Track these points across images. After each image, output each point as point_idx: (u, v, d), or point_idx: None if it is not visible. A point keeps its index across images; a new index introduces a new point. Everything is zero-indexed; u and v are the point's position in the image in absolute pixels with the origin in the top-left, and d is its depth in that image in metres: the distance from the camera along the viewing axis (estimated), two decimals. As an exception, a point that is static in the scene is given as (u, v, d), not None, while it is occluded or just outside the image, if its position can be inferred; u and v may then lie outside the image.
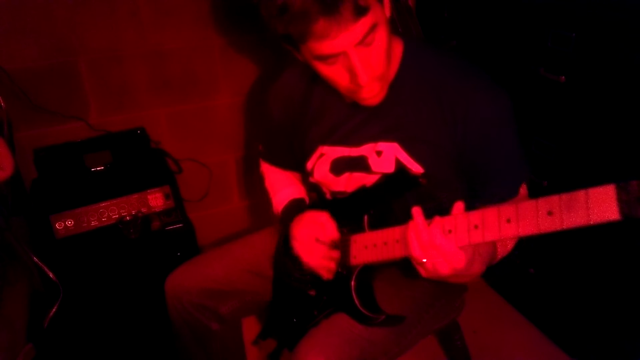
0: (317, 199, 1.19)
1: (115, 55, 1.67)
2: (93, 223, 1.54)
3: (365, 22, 0.78)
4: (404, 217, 0.88)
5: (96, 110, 1.71)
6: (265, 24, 0.82)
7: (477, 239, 0.73)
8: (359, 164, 1.02)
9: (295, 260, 1.07)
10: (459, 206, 0.76)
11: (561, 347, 1.60)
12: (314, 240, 1.02)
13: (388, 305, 0.98)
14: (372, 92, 0.90)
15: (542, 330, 1.68)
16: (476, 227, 0.73)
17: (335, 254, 1.01)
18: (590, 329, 1.47)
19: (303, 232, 1.04)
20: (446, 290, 1.15)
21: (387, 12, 0.85)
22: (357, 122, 1.02)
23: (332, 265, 1.01)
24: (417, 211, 0.79)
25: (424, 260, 0.77)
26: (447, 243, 0.75)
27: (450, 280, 0.81)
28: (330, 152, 1.06)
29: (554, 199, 0.64)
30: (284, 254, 1.13)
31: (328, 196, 1.14)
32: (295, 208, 1.14)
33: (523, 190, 1.00)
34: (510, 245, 0.96)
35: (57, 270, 1.42)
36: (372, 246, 0.93)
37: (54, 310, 1.43)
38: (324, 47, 0.80)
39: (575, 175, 1.37)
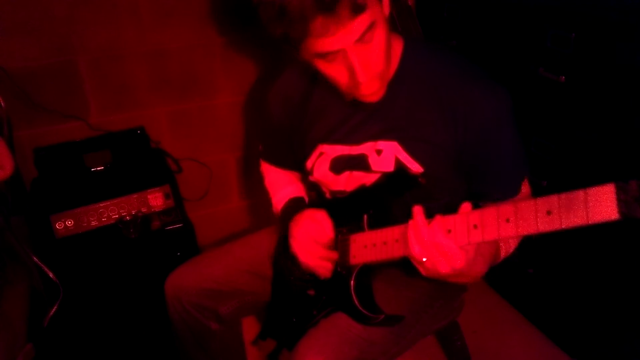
0: (317, 198, 1.19)
1: (115, 54, 1.67)
2: (93, 223, 1.54)
3: (363, 20, 0.79)
4: (404, 217, 0.88)
5: (96, 109, 1.71)
6: (264, 27, 0.82)
7: (477, 238, 0.73)
8: (359, 163, 1.02)
9: (294, 260, 1.07)
10: (465, 207, 0.76)
11: (561, 347, 1.60)
12: (312, 241, 1.03)
13: (387, 306, 0.98)
14: (371, 90, 0.91)
15: (542, 330, 1.68)
16: (475, 226, 0.73)
17: (332, 254, 1.01)
18: (590, 329, 1.46)
19: (301, 232, 1.04)
20: (445, 291, 1.15)
21: (386, 10, 0.86)
22: (357, 121, 1.02)
23: (329, 265, 1.01)
24: (417, 210, 0.79)
25: (424, 259, 0.77)
26: (447, 242, 0.75)
27: (450, 279, 0.81)
28: (330, 151, 1.06)
29: (553, 198, 0.64)
30: (284, 253, 1.13)
31: (328, 195, 1.14)
32: (294, 207, 1.14)
33: (526, 188, 1.00)
34: (513, 245, 0.96)
35: (57, 270, 1.42)
36: (371, 246, 0.93)
37: (54, 310, 1.43)
38: (323, 44, 0.81)
39: (574, 175, 1.37)
